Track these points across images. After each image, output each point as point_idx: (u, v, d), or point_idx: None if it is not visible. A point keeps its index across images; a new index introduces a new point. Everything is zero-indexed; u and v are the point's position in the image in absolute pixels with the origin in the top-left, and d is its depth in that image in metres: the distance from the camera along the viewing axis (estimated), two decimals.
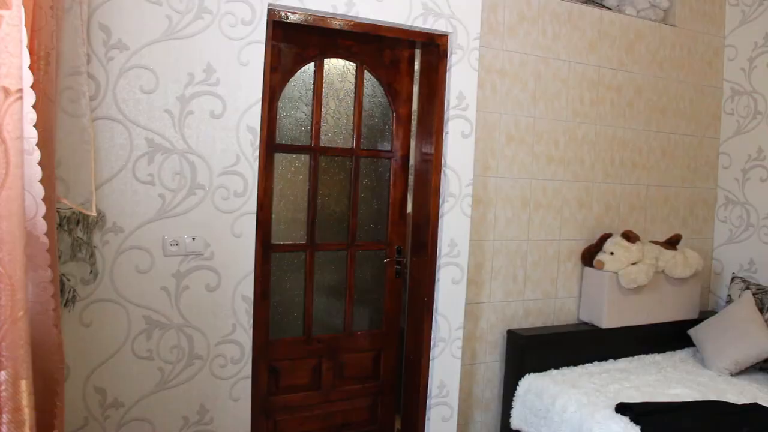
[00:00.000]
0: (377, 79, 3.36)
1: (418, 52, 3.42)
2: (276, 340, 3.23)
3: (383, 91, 3.39)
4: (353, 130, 3.36)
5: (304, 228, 3.27)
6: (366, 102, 3.38)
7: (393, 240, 3.49)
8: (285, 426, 3.28)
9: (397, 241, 3.50)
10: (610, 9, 4.04)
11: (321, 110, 3.24)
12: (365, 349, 3.48)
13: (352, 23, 2.98)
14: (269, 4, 2.75)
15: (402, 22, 3.06)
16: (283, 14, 2.83)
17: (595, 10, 3.89)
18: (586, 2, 4.02)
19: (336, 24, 2.95)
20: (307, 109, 3.23)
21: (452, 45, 3.20)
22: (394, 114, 3.42)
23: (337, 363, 3.39)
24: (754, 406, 3.04)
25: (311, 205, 3.27)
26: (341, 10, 2.91)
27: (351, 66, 3.30)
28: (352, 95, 3.34)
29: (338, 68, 3.30)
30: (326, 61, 3.24)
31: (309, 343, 3.32)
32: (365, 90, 3.36)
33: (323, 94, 3.26)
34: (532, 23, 3.62)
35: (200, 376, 2.75)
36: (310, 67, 3.20)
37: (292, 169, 3.24)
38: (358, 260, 3.43)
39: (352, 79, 3.32)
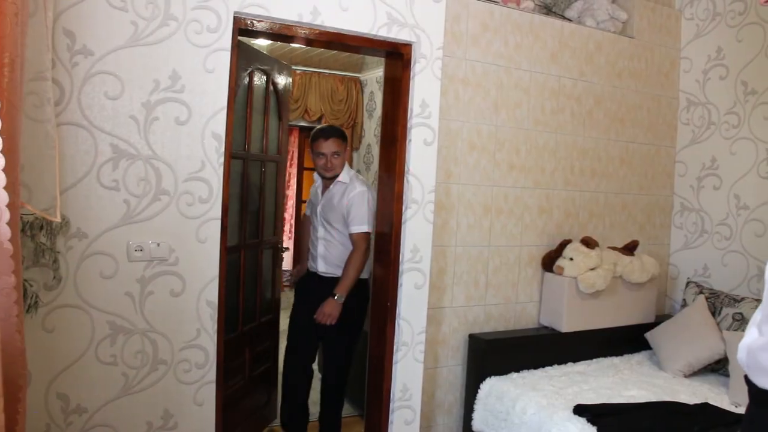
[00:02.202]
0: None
1: (369, 64, 3.52)
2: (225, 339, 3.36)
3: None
4: (262, 138, 3.84)
5: (238, 230, 3.56)
6: None
7: None
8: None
9: None
10: (570, 20, 4.15)
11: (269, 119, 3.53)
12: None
13: (317, 32, 3.02)
14: (235, 13, 2.78)
15: (367, 32, 3.10)
16: (249, 22, 2.86)
17: (556, 22, 3.98)
18: (547, 14, 4.11)
19: (301, 33, 2.99)
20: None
21: (416, 54, 3.26)
22: None
23: (256, 352, 3.75)
24: (705, 406, 3.15)
25: (243, 208, 3.62)
26: (307, 18, 2.94)
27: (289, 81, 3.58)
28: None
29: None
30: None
31: (241, 337, 3.60)
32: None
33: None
34: (495, 33, 3.69)
35: (164, 381, 2.76)
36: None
37: (233, 174, 3.38)
38: (264, 256, 3.96)
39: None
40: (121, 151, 2.59)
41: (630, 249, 4.13)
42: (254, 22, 2.88)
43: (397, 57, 3.30)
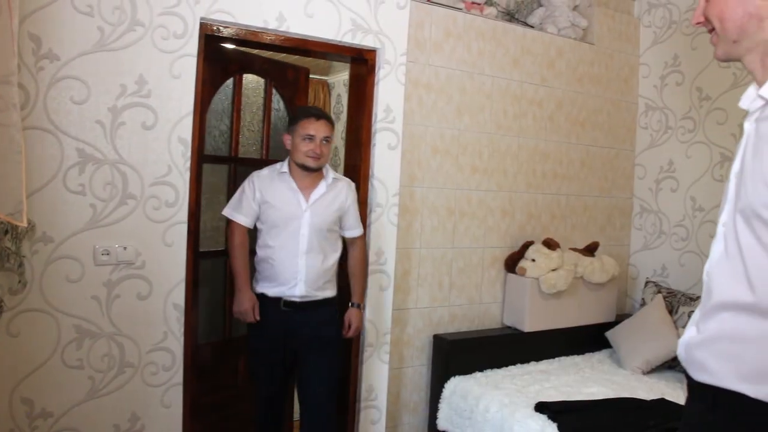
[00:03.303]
0: (281, 95, 3.60)
1: (335, 68, 3.57)
2: (203, 343, 3.33)
3: (285, 106, 3.65)
4: (262, 141, 3.59)
5: (225, 235, 3.38)
6: (273, 116, 3.64)
7: None
8: (215, 428, 3.35)
9: None
10: (532, 27, 4.23)
11: (240, 123, 3.42)
12: None
13: (283, 38, 3.07)
14: (202, 19, 2.81)
15: (332, 38, 3.16)
16: (215, 28, 2.89)
17: (519, 28, 4.07)
18: (510, 20, 4.20)
19: (267, 39, 3.03)
20: (228, 122, 3.38)
21: (380, 60, 3.32)
22: None
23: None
24: (661, 401, 3.25)
25: None
26: (272, 25, 2.99)
27: (262, 82, 3.53)
28: (262, 109, 3.57)
29: (253, 83, 3.51)
30: (243, 76, 3.41)
31: (229, 344, 3.49)
32: (273, 104, 3.60)
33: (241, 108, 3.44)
34: (458, 39, 3.76)
35: (131, 384, 2.77)
36: (231, 81, 3.37)
37: (214, 178, 3.35)
38: None
39: (263, 94, 3.54)
40: (87, 155, 2.60)
41: (590, 250, 4.23)
42: (221, 28, 2.91)
43: (361, 62, 3.36)
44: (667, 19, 4.49)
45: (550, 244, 3.94)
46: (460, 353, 3.71)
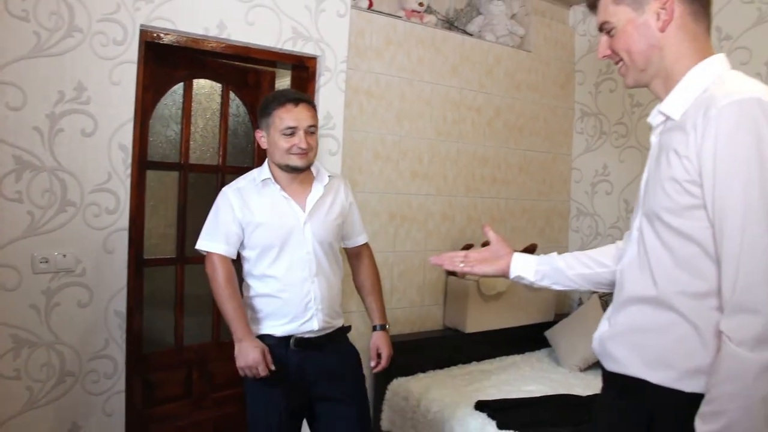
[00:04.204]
0: (241, 100, 3.50)
1: (283, 73, 3.57)
2: (150, 353, 3.26)
3: (246, 111, 3.54)
4: (219, 147, 3.48)
5: (175, 242, 3.34)
6: (231, 121, 3.52)
7: None
8: None
9: None
10: (471, 35, 4.34)
11: (190, 129, 3.34)
12: (232, 356, 3.54)
13: (223, 45, 3.09)
14: (141, 25, 2.81)
15: (272, 45, 3.19)
16: (156, 35, 2.89)
17: (458, 36, 4.17)
18: (449, 28, 4.29)
19: (209, 46, 3.04)
20: (177, 128, 3.32)
21: (321, 67, 3.37)
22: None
23: (206, 371, 3.48)
24: (597, 397, 3.36)
25: (181, 220, 3.35)
26: (213, 32, 3.00)
27: (218, 86, 3.43)
28: (218, 115, 3.48)
29: (206, 89, 3.41)
30: (195, 81, 3.34)
31: (180, 353, 3.38)
32: (230, 110, 3.50)
33: (192, 113, 3.36)
34: (398, 47, 3.84)
35: (72, 393, 2.74)
36: (180, 87, 3.29)
37: (162, 185, 3.31)
38: None
39: (219, 99, 3.45)
40: (24, 162, 2.57)
41: (529, 251, 4.29)
42: (161, 35, 2.91)
43: (302, 69, 3.39)
44: None
45: None
46: (403, 355, 3.76)
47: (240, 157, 3.57)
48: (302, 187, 2.50)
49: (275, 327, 2.44)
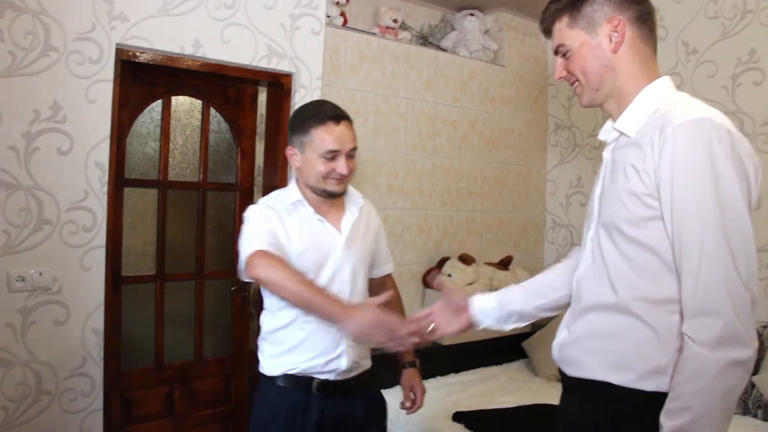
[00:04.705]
0: (222, 116, 3.52)
1: (262, 89, 3.60)
2: (128, 370, 3.25)
3: (228, 127, 3.55)
4: (200, 164, 3.48)
5: (154, 259, 3.35)
6: (211, 137, 3.52)
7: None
8: None
9: None
10: (445, 50, 4.41)
11: (169, 146, 3.35)
12: (215, 374, 3.56)
13: (199, 63, 3.12)
14: (117, 44, 2.82)
15: (247, 63, 3.22)
16: (132, 54, 2.92)
17: (432, 52, 4.23)
18: (423, 44, 4.35)
19: (185, 64, 3.07)
20: (156, 145, 3.33)
21: (296, 84, 3.40)
22: (239, 149, 3.57)
23: (189, 389, 3.46)
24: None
25: (161, 237, 3.34)
26: (189, 51, 3.03)
27: (198, 103, 3.43)
28: (199, 131, 3.47)
29: (185, 105, 3.43)
30: (173, 98, 3.36)
31: (161, 371, 3.38)
32: (211, 126, 3.50)
33: (171, 130, 3.36)
34: (373, 63, 3.89)
35: (49, 412, 2.73)
36: (158, 104, 3.31)
37: (141, 202, 3.31)
38: (206, 289, 3.52)
39: (199, 115, 3.46)
40: (0, 181, 2.59)
41: (505, 264, 4.40)
42: (137, 53, 2.93)
43: (278, 87, 3.43)
44: None
45: (466, 259, 4.09)
46: (382, 368, 3.78)
47: (222, 174, 3.57)
48: (334, 209, 2.22)
49: (297, 363, 2.10)
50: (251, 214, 2.14)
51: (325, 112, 2.13)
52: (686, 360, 1.32)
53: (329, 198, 2.17)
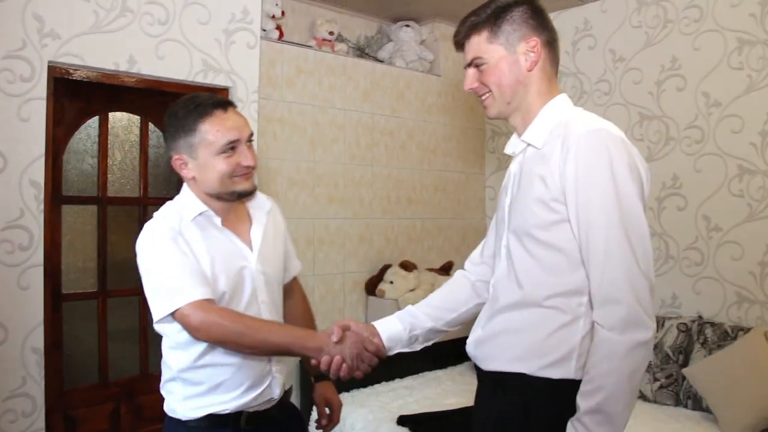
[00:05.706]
0: (161, 131, 3.51)
1: None
2: (72, 388, 3.22)
3: None
4: (140, 179, 3.47)
5: (96, 276, 3.33)
6: (151, 152, 3.53)
7: None
8: None
9: None
10: (382, 61, 4.49)
11: (107, 162, 3.34)
12: None
13: (135, 79, 3.13)
14: (50, 62, 2.82)
15: (183, 78, 3.24)
16: (65, 71, 2.91)
17: (368, 63, 4.31)
18: (360, 56, 4.43)
19: (120, 81, 3.07)
20: (93, 161, 3.32)
21: (233, 98, 3.41)
22: None
23: (135, 405, 3.45)
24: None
25: (101, 253, 3.33)
26: (123, 67, 3.04)
27: (136, 119, 3.44)
28: (138, 147, 3.47)
29: (123, 121, 3.43)
30: (111, 114, 3.36)
31: (106, 387, 3.36)
32: (150, 141, 3.50)
33: (109, 146, 3.36)
34: (309, 76, 3.95)
35: None
36: (95, 120, 3.30)
37: (80, 219, 3.30)
38: None
39: (137, 131, 3.46)
40: None
41: (446, 269, 4.49)
42: (70, 70, 2.93)
43: None
44: None
45: (407, 266, 4.16)
46: (326, 376, 3.84)
47: (163, 189, 3.57)
48: (238, 217, 1.94)
49: (223, 403, 1.85)
50: (157, 244, 1.78)
51: (206, 102, 1.83)
52: (598, 344, 1.46)
53: (238, 200, 1.90)
